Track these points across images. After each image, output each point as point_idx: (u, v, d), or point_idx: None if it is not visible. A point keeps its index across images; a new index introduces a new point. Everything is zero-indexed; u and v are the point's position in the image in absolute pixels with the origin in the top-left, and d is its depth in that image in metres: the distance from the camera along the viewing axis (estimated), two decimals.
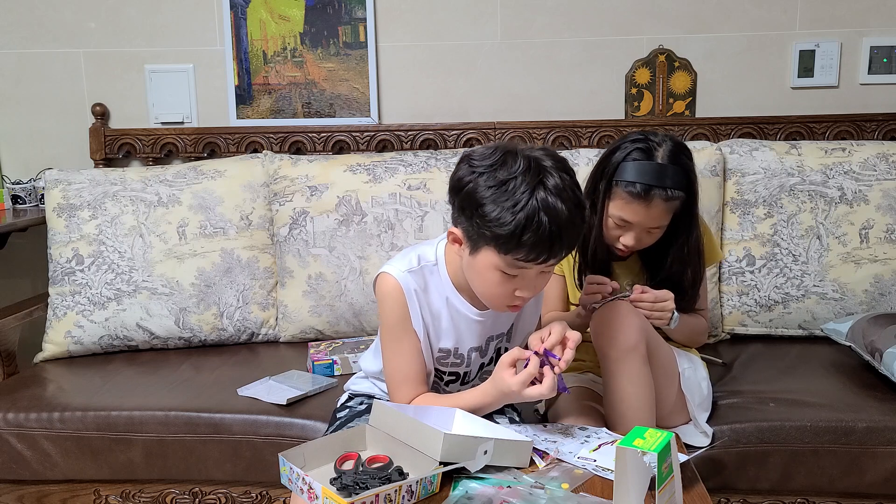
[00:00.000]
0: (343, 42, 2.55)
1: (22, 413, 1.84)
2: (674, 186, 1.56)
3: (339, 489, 1.19)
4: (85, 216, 2.21)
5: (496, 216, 1.25)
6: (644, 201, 1.56)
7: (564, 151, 2.30)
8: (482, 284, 1.36)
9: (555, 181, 1.27)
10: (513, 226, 1.24)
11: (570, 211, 1.27)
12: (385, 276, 1.42)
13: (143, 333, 2.19)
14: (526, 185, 1.26)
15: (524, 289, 1.34)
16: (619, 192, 1.59)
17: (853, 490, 1.72)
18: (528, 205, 1.24)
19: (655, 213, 1.58)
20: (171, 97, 2.60)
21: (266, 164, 2.31)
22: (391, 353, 1.46)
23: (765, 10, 2.49)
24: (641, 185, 1.55)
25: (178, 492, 1.86)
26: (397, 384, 1.45)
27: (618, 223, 1.61)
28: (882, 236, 2.16)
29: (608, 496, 1.18)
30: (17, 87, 2.62)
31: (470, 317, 1.45)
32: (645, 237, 1.62)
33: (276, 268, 2.28)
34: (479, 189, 1.28)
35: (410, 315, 1.42)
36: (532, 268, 1.30)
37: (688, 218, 1.64)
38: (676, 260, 1.67)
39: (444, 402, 1.43)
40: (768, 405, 1.77)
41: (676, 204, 1.59)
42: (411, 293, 1.41)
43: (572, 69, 2.55)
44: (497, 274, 1.31)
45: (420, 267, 1.43)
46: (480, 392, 1.39)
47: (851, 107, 2.50)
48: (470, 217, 1.30)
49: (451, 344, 1.47)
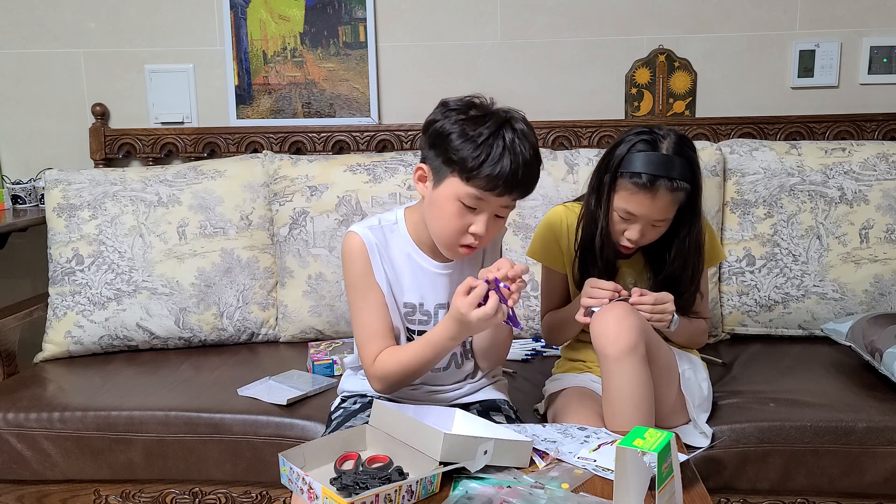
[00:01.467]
0: (343, 42, 2.55)
1: (22, 413, 1.84)
2: (679, 178, 1.56)
3: (339, 489, 1.19)
4: (85, 216, 2.21)
5: (462, 143, 1.36)
6: (650, 192, 1.55)
7: (564, 151, 2.30)
8: (440, 218, 1.42)
9: (521, 127, 1.39)
10: (476, 152, 1.35)
11: (530, 155, 1.38)
12: (349, 234, 1.52)
13: (143, 333, 2.19)
14: (493, 124, 1.37)
15: (478, 224, 1.40)
16: (625, 183, 1.58)
17: (853, 490, 1.72)
18: (492, 136, 1.36)
19: (661, 205, 1.57)
20: (171, 97, 2.60)
21: (266, 164, 2.31)
22: (358, 311, 1.51)
23: (765, 10, 2.49)
24: (647, 176, 1.55)
25: (178, 492, 1.86)
26: (366, 340, 1.50)
27: (623, 216, 1.60)
28: (882, 236, 2.16)
29: (608, 496, 1.18)
30: (17, 87, 2.62)
31: (432, 270, 1.51)
32: (649, 232, 1.62)
33: (276, 268, 2.28)
34: (449, 124, 1.39)
35: (373, 269, 1.49)
36: (489, 200, 1.38)
37: (691, 212, 1.63)
38: (678, 255, 1.66)
39: (410, 349, 1.47)
40: (768, 405, 1.77)
41: (681, 196, 1.58)
42: (373, 247, 1.49)
43: (572, 69, 2.55)
44: (456, 205, 1.39)
45: (381, 226, 1.53)
46: (440, 326, 1.43)
47: (851, 107, 2.50)
48: (437, 148, 1.40)
49: (416, 299, 1.52)
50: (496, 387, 1.66)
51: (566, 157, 2.26)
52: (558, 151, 2.30)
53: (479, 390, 1.64)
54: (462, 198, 1.38)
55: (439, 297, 1.52)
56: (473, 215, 1.40)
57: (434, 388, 1.58)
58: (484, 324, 1.37)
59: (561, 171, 2.23)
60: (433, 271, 1.52)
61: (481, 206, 1.39)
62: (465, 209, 1.39)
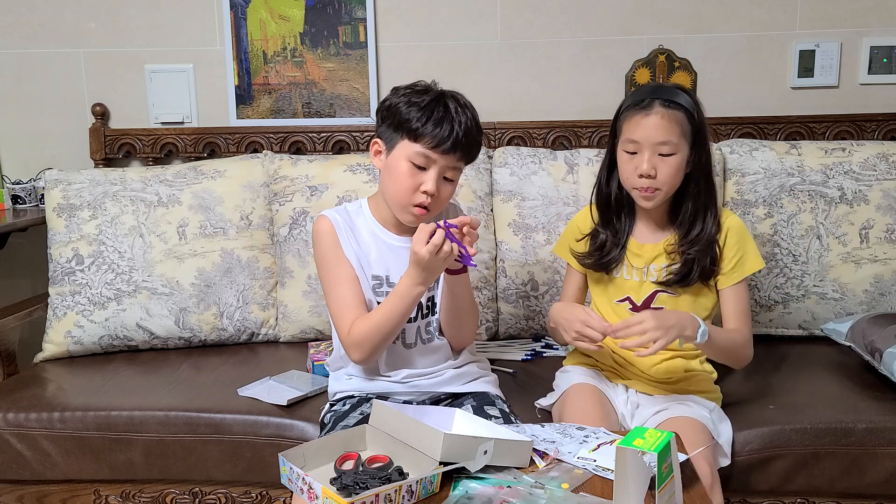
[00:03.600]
0: (343, 42, 2.55)
1: (22, 413, 1.84)
2: (672, 98, 1.61)
3: (340, 489, 1.19)
4: (85, 216, 2.21)
5: (408, 108, 1.54)
6: (644, 111, 1.61)
7: (564, 151, 2.30)
8: (394, 181, 1.57)
9: (462, 100, 1.59)
10: (420, 113, 1.53)
11: (470, 121, 1.56)
12: (318, 218, 1.68)
13: (143, 333, 2.19)
14: (435, 94, 1.57)
15: (428, 183, 1.54)
16: (623, 118, 1.66)
17: (853, 491, 1.72)
18: (434, 102, 1.55)
19: (658, 124, 1.60)
20: (171, 97, 2.60)
21: (266, 164, 2.31)
22: (330, 287, 1.64)
23: (765, 10, 2.49)
24: (641, 99, 1.63)
25: (178, 492, 1.86)
26: (340, 313, 1.61)
27: (628, 150, 1.64)
28: (882, 236, 2.16)
29: (608, 496, 1.18)
30: (17, 87, 2.62)
31: (395, 245, 1.66)
32: (659, 163, 1.61)
33: (276, 268, 2.28)
34: (398, 100, 1.57)
35: (341, 245, 1.64)
36: (436, 159, 1.53)
37: (695, 141, 1.64)
38: (690, 194, 1.68)
39: (380, 308, 1.57)
40: (768, 407, 1.77)
41: (679, 117, 1.61)
42: (340, 226, 1.65)
43: (572, 69, 2.55)
44: (406, 164, 1.55)
45: (346, 209, 1.70)
46: (404, 275, 1.54)
47: (851, 107, 2.50)
48: (387, 119, 1.58)
49: (382, 272, 1.65)
50: (487, 381, 1.70)
51: (566, 157, 2.26)
52: (558, 151, 2.30)
53: (468, 382, 1.66)
54: (411, 157, 1.54)
55: (403, 268, 1.57)
56: (423, 174, 1.54)
57: (413, 373, 1.64)
58: (438, 261, 1.47)
59: (561, 171, 2.23)
60: (396, 245, 1.65)
61: (430, 164, 1.54)
62: (415, 168, 1.54)
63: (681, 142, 1.62)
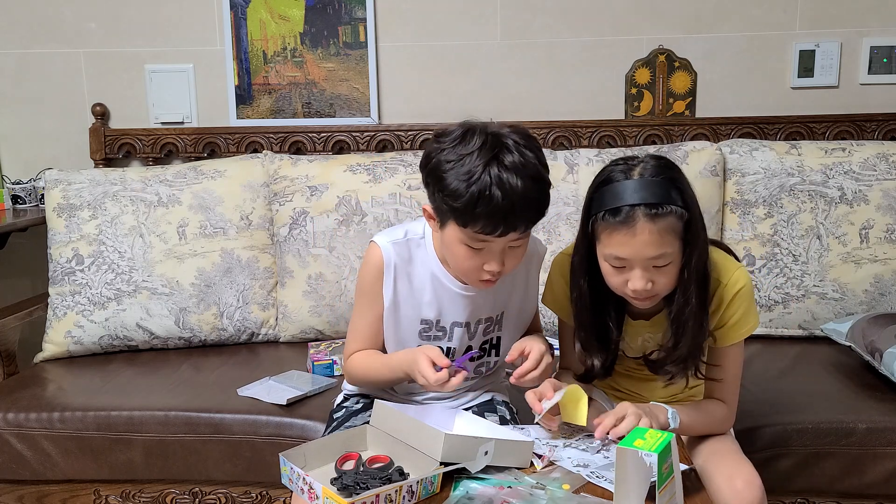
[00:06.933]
0: (343, 42, 2.55)
1: (22, 413, 1.84)
2: (659, 201, 1.30)
3: (340, 489, 1.19)
4: (85, 216, 2.21)
5: (453, 189, 1.31)
6: (627, 226, 1.30)
7: (564, 151, 2.30)
8: (453, 258, 1.42)
9: (512, 158, 1.31)
10: (466, 198, 1.30)
11: (525, 186, 1.30)
12: (372, 245, 1.51)
13: (143, 333, 2.19)
14: (480, 160, 1.30)
15: (491, 262, 1.37)
16: (601, 224, 1.34)
17: (854, 491, 1.72)
18: (480, 178, 1.29)
19: (647, 239, 1.30)
20: (171, 97, 2.60)
21: (266, 164, 2.31)
22: (356, 314, 1.57)
23: (765, 10, 2.49)
24: (616, 203, 1.31)
25: (178, 492, 1.86)
26: (351, 338, 1.57)
27: (614, 265, 1.35)
28: (882, 236, 2.16)
29: (609, 497, 1.18)
30: (17, 87, 2.62)
31: (454, 290, 1.49)
32: (656, 276, 1.34)
33: (276, 268, 2.28)
34: (441, 164, 1.34)
35: (383, 286, 1.49)
36: (492, 241, 1.34)
37: (687, 240, 1.34)
38: (680, 291, 1.37)
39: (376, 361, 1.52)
40: (768, 407, 1.77)
41: (672, 222, 1.30)
42: (390, 265, 1.49)
43: (572, 69, 2.55)
44: (463, 248, 1.37)
45: (406, 239, 1.50)
46: (403, 358, 1.45)
47: (851, 107, 2.50)
48: (434, 192, 1.37)
49: (433, 315, 1.51)
50: (493, 387, 1.66)
51: (566, 157, 2.26)
52: (558, 151, 2.30)
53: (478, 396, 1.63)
54: (466, 241, 1.36)
55: (458, 315, 1.50)
56: (484, 254, 1.36)
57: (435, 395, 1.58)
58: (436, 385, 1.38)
59: (561, 171, 2.23)
60: (456, 291, 1.49)
61: (488, 247, 1.35)
62: (473, 251, 1.36)
63: (675, 244, 1.33)
